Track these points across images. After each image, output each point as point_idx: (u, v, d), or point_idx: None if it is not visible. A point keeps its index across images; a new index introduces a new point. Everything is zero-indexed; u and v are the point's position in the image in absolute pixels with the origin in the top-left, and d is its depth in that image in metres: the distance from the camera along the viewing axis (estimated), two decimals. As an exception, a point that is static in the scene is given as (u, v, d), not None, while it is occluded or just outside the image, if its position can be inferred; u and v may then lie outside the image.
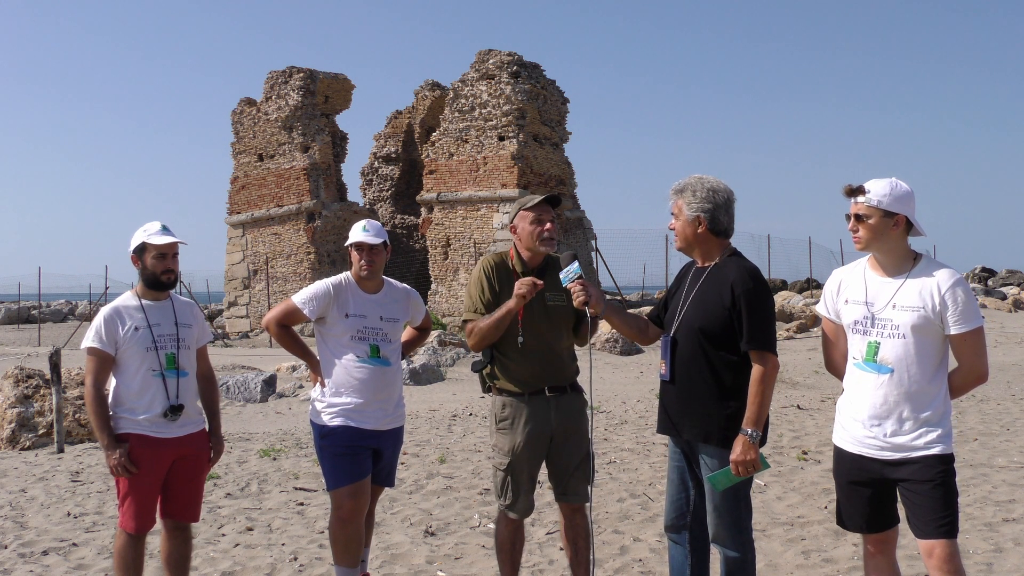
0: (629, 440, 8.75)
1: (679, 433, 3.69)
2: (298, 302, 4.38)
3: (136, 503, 4.06)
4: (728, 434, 3.54)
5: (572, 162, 27.19)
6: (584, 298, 3.76)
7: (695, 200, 3.63)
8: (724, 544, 3.61)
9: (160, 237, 4.13)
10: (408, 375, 14.29)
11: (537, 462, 4.15)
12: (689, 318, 3.64)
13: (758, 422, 3.48)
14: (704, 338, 3.58)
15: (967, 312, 3.22)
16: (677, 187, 3.72)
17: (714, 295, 3.58)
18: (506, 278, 4.15)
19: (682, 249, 3.77)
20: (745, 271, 3.57)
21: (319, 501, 6.55)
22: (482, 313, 4.10)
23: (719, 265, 3.65)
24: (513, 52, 25.63)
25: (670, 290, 3.92)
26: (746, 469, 3.48)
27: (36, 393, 9.74)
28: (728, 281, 3.56)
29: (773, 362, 3.51)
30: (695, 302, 3.65)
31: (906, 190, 3.28)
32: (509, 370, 4.11)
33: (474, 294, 4.17)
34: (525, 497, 4.13)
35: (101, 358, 4.09)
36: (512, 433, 4.09)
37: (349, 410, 4.30)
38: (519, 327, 4.06)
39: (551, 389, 4.09)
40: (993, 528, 5.59)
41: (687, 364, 3.62)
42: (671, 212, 3.74)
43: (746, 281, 3.53)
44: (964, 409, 9.95)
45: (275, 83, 28.28)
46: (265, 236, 28.46)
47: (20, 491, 7.21)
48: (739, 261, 3.64)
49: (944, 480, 3.22)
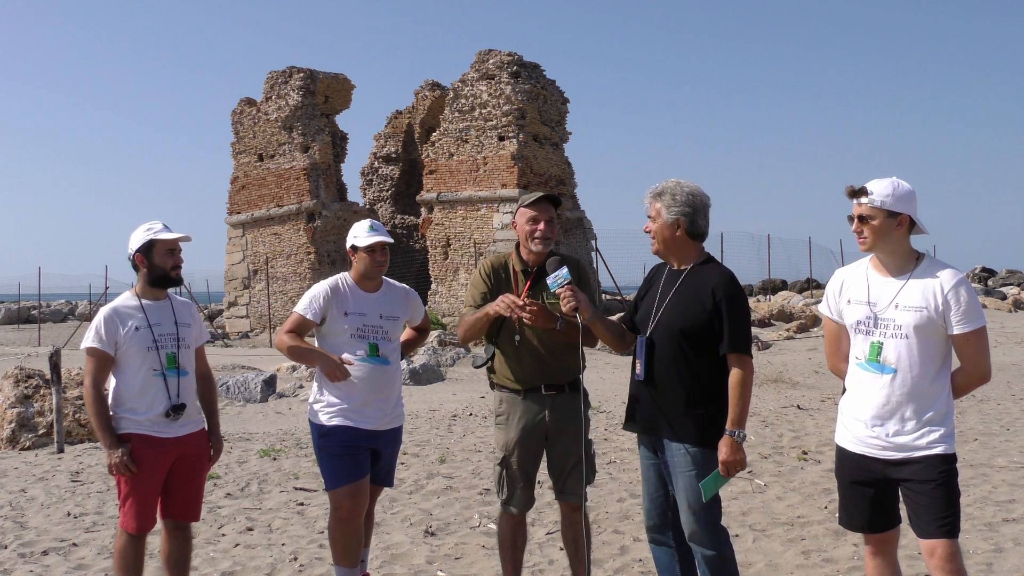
0: (629, 440, 8.74)
1: (652, 432, 3.73)
2: (300, 311, 4.36)
3: (137, 503, 4.06)
4: (704, 435, 3.60)
5: (572, 162, 27.19)
6: (574, 304, 3.78)
7: (675, 204, 3.70)
8: (702, 543, 3.63)
9: (168, 233, 4.16)
10: (408, 375, 14.29)
11: (532, 459, 4.17)
12: (668, 320, 3.68)
13: (742, 423, 3.56)
14: (684, 340, 3.63)
15: (970, 312, 3.22)
16: (655, 191, 3.77)
17: (693, 298, 3.64)
18: (505, 277, 4.21)
19: (659, 252, 3.81)
20: (725, 276, 3.67)
21: (319, 501, 6.54)
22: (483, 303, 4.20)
23: (696, 269, 3.72)
24: (513, 52, 25.62)
25: (639, 293, 3.96)
26: (735, 469, 3.55)
27: (36, 393, 9.74)
28: (708, 285, 3.63)
29: (751, 364, 3.61)
30: (673, 304, 3.68)
31: (908, 189, 3.28)
32: (506, 367, 4.17)
33: (470, 292, 4.29)
34: (521, 493, 4.17)
35: (101, 358, 4.09)
36: (507, 429, 4.15)
37: (347, 409, 4.29)
38: (516, 325, 4.10)
39: (547, 388, 4.12)
40: (993, 528, 5.59)
41: (665, 365, 3.66)
42: (648, 215, 3.78)
43: (727, 286, 3.62)
44: (964, 409, 9.94)
45: (275, 83, 28.27)
46: (265, 236, 28.45)
47: (20, 491, 7.20)
48: (717, 266, 3.73)
49: (946, 480, 3.22)
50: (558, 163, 26.38)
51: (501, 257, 4.30)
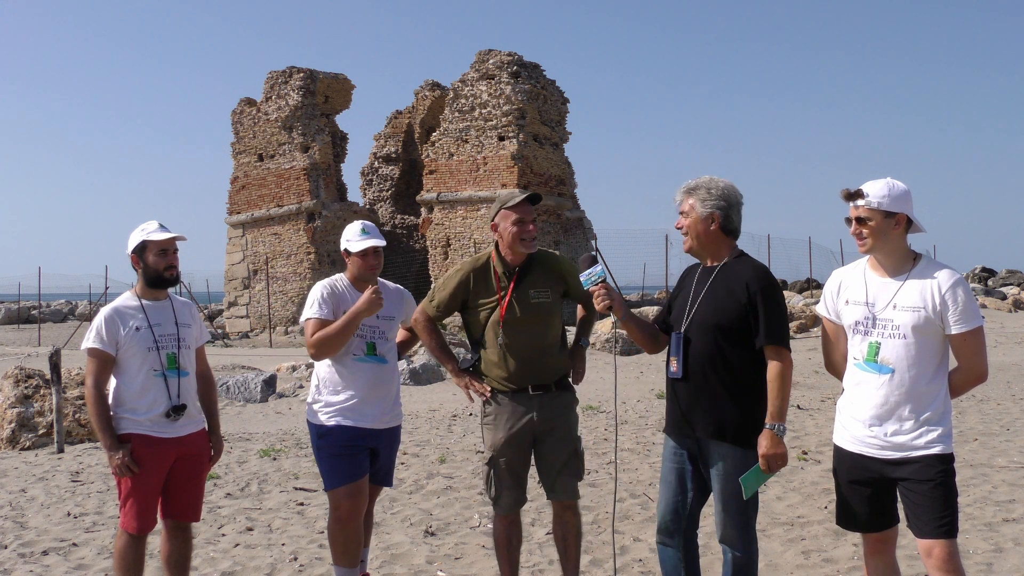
0: (629, 440, 8.75)
1: (691, 431, 3.64)
2: (315, 315, 4.31)
3: (138, 503, 4.06)
4: (744, 431, 3.53)
5: (572, 162, 27.20)
6: (608, 303, 3.68)
7: (710, 198, 3.63)
8: (733, 545, 3.59)
9: (160, 233, 4.14)
10: (408, 375, 14.29)
11: (520, 459, 4.18)
12: (703, 316, 3.61)
13: (782, 416, 3.48)
14: (720, 335, 3.56)
15: (967, 312, 3.22)
16: (689, 186, 3.70)
17: (727, 293, 3.57)
18: (482, 279, 4.19)
19: (691, 249, 3.73)
20: (759, 269, 3.61)
21: (319, 501, 6.55)
22: (436, 307, 4.27)
23: (729, 264, 3.65)
24: (513, 52, 25.63)
25: (672, 294, 3.89)
26: (776, 464, 3.47)
27: (36, 393, 9.74)
28: (743, 279, 3.57)
29: (789, 358, 3.52)
30: (707, 300, 3.62)
31: (903, 189, 3.29)
32: (492, 368, 4.16)
33: (440, 293, 4.27)
34: (508, 493, 4.17)
35: (101, 358, 4.09)
36: (494, 429, 4.16)
37: (346, 408, 4.30)
38: (500, 326, 4.10)
39: (535, 388, 4.12)
40: (993, 528, 5.59)
41: (702, 361, 3.59)
42: (680, 211, 3.70)
43: (761, 279, 3.56)
44: (964, 409, 9.95)
45: (275, 83, 28.28)
46: (265, 236, 28.46)
47: (20, 491, 7.21)
48: (751, 260, 3.66)
49: (944, 480, 3.23)
50: (558, 163, 26.39)
51: (479, 259, 4.27)
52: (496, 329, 4.12)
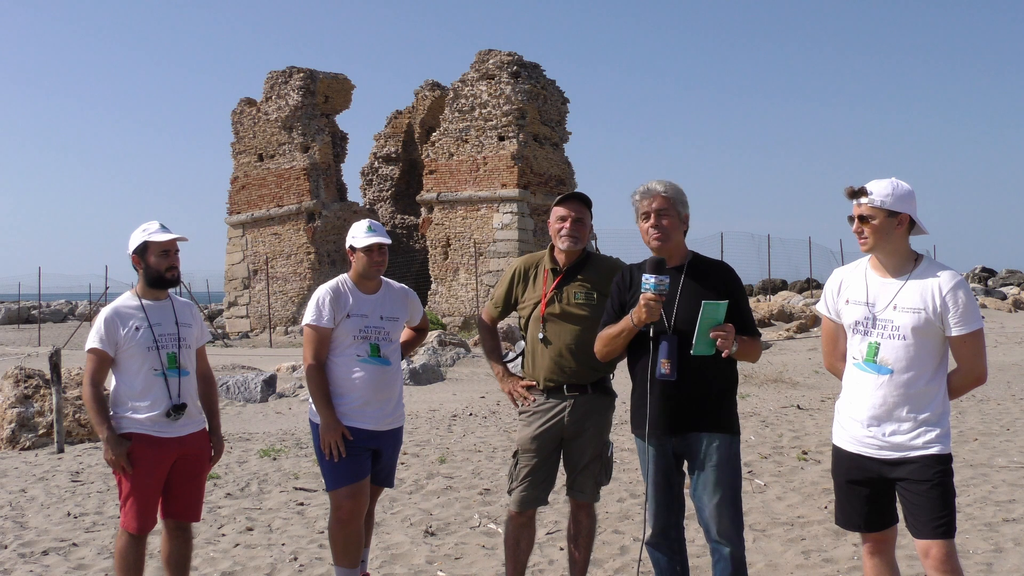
0: (629, 440, 8.74)
1: (683, 431, 3.65)
2: (314, 323, 4.30)
3: (138, 503, 4.06)
4: (732, 423, 3.70)
5: (572, 162, 27.19)
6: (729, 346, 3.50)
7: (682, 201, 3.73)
8: (729, 540, 3.60)
9: (161, 234, 4.14)
10: (408, 375, 14.29)
11: (543, 457, 4.18)
12: (686, 317, 3.58)
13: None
14: None
15: (968, 314, 3.23)
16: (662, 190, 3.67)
17: (709, 290, 3.64)
18: (533, 276, 4.29)
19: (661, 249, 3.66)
20: (729, 268, 3.82)
21: (319, 501, 6.55)
22: (495, 304, 4.39)
23: (694, 262, 3.75)
24: (513, 52, 25.63)
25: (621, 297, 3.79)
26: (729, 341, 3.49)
27: (36, 393, 9.74)
28: (721, 276, 3.74)
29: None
30: (688, 300, 3.62)
31: (907, 189, 3.29)
32: (529, 364, 4.25)
33: (496, 289, 4.47)
34: (524, 489, 4.18)
35: (100, 358, 4.10)
36: (526, 426, 4.21)
37: (348, 410, 4.30)
38: (542, 324, 4.16)
39: (570, 388, 4.14)
40: (993, 528, 5.60)
41: (699, 361, 3.58)
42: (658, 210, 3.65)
43: (735, 276, 3.79)
44: (964, 409, 9.95)
45: (275, 83, 28.29)
46: (265, 236, 28.47)
47: (20, 491, 7.21)
48: (713, 260, 3.86)
49: (942, 480, 3.23)
50: (558, 163, 26.38)
51: (535, 257, 4.38)
52: (536, 325, 4.18)
